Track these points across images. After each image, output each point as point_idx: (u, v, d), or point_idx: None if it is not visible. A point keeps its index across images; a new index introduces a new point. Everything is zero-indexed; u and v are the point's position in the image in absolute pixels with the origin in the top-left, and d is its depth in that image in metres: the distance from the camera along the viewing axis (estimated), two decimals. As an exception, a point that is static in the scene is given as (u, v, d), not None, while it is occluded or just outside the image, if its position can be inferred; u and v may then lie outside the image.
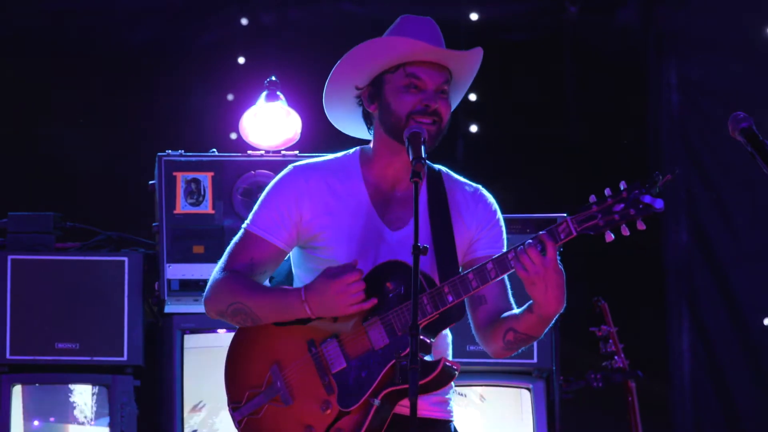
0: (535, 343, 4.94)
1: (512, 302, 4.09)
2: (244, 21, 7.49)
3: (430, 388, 3.91)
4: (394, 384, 3.89)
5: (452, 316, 3.97)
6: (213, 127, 7.20)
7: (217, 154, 6.04)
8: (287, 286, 4.06)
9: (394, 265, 3.96)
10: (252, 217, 4.10)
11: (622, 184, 3.79)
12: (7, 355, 5.83)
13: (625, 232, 3.78)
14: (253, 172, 6.00)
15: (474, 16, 7.52)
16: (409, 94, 3.99)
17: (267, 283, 4.13)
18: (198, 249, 5.92)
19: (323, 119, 4.20)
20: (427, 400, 3.99)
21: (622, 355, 5.99)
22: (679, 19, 7.41)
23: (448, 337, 4.13)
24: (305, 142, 6.09)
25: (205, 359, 5.86)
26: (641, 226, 3.77)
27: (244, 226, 4.10)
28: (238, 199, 5.97)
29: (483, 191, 4.17)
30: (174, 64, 7.39)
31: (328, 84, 4.09)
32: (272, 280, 5.11)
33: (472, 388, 6.00)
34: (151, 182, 6.00)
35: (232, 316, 4.04)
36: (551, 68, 7.63)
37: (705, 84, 7.39)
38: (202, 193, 5.97)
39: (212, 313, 4.09)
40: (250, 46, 7.46)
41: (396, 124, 3.99)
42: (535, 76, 7.59)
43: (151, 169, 6.00)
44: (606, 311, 6.06)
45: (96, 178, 7.32)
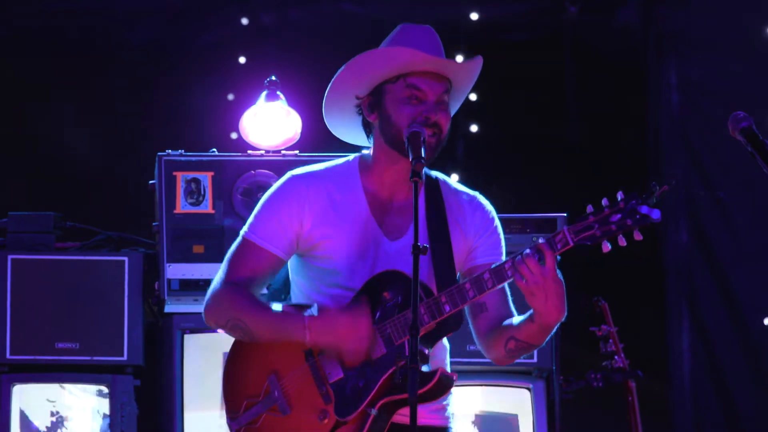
0: (535, 345, 4.94)
1: (513, 309, 4.09)
2: (245, 21, 7.49)
3: (427, 398, 3.91)
4: (392, 394, 3.89)
5: (449, 326, 3.97)
6: (213, 127, 7.19)
7: (217, 153, 6.04)
8: (288, 310, 4.03)
9: (392, 275, 3.96)
10: (251, 225, 4.09)
11: (619, 195, 3.78)
12: (7, 355, 5.83)
13: (623, 242, 3.77)
14: (253, 172, 6.00)
15: (474, 16, 7.51)
16: (410, 106, 3.99)
17: (265, 290, 4.13)
18: (198, 249, 5.92)
19: (323, 119, 4.20)
20: (425, 408, 3.98)
21: (622, 355, 5.98)
22: (679, 19, 7.40)
23: (446, 347, 4.13)
24: (305, 142, 6.09)
25: (205, 359, 5.86)
26: (638, 237, 3.76)
27: (243, 233, 4.09)
28: (238, 199, 5.97)
29: (480, 199, 4.17)
30: (174, 64, 7.38)
31: (328, 93, 4.09)
32: (270, 287, 5.10)
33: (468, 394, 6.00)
34: (151, 182, 6.00)
35: (230, 330, 4.05)
36: (551, 68, 7.62)
37: (705, 84, 7.38)
38: (202, 192, 5.97)
39: (211, 324, 4.10)
40: (250, 46, 7.46)
41: (396, 135, 3.99)
42: (535, 76, 7.58)
43: (151, 169, 6.00)
44: (606, 311, 6.05)
45: (96, 178, 7.31)
